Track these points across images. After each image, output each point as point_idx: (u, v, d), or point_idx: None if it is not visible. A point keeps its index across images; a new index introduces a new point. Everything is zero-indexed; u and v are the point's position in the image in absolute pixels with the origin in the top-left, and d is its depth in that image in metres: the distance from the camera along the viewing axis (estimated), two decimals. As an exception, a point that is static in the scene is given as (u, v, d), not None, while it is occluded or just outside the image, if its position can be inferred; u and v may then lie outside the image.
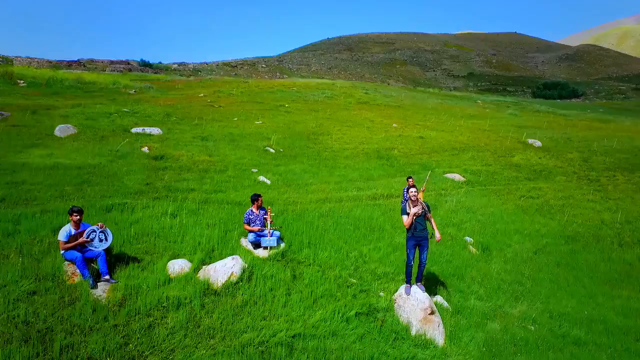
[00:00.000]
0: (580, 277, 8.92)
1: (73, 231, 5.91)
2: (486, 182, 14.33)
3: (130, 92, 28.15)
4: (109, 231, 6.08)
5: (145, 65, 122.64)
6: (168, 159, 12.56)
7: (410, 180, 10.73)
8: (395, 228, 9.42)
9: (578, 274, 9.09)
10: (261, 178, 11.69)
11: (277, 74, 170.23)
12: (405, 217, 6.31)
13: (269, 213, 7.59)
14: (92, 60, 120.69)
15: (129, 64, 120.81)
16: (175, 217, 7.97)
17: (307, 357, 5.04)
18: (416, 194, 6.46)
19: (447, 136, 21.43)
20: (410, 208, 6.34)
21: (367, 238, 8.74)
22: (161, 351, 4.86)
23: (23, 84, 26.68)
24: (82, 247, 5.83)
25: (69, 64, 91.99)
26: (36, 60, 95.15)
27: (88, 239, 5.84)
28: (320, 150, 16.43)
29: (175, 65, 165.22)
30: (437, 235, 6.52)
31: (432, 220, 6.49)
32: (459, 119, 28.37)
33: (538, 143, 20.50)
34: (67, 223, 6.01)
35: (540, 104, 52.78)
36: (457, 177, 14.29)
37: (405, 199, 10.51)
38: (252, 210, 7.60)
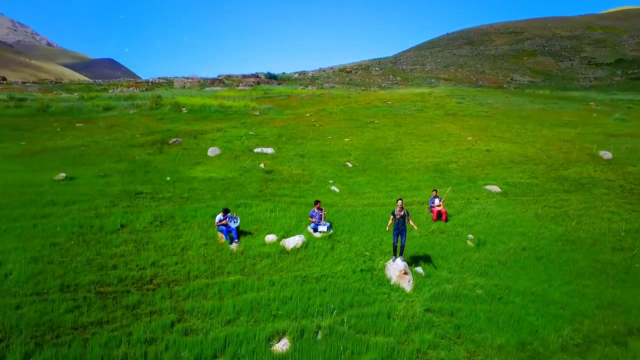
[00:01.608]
0: (550, 268, 11.98)
1: (221, 217, 11.96)
2: (520, 193, 17.08)
3: (256, 113, 36.12)
4: (238, 218, 12.00)
5: (271, 77, 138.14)
6: (275, 173, 18.67)
7: (434, 192, 14.81)
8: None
9: (551, 266, 12.12)
10: (333, 188, 16.94)
11: (390, 76, 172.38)
12: (391, 217, 10.82)
13: (323, 211, 12.78)
14: (229, 76, 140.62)
15: (258, 77, 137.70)
16: (272, 212, 13.72)
17: (325, 284, 10.06)
18: (401, 204, 10.88)
19: (516, 148, 23.61)
20: (397, 212, 10.81)
21: (390, 231, 13.22)
22: (258, 274, 10.42)
23: (185, 111, 36.64)
24: (226, 225, 11.84)
25: (212, 82, 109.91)
26: (189, 79, 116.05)
27: (227, 221, 11.83)
28: (388, 165, 20.94)
29: (296, 75, 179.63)
30: (415, 228, 10.91)
31: (411, 221, 10.87)
32: (545, 128, 29.32)
33: (608, 155, 21.40)
34: (219, 213, 12.10)
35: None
36: (495, 188, 17.36)
37: (430, 205, 14.67)
38: (314, 210, 12.88)
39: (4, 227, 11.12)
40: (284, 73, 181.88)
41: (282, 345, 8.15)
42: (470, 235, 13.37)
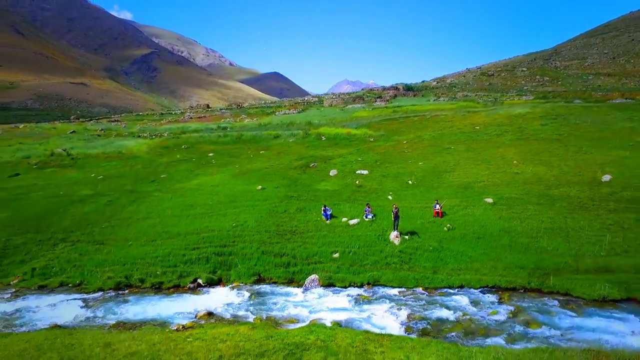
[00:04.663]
0: (480, 243, 23.33)
1: (324, 208, 27.25)
2: (504, 203, 27.38)
3: (370, 140, 50.73)
4: (331, 209, 27.17)
5: (408, 89, 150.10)
6: (362, 187, 33.08)
7: (436, 200, 27.21)
8: (417, 218, 26.49)
9: (482, 242, 23.43)
10: (388, 197, 30.45)
11: (537, 77, 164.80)
12: (392, 212, 24.31)
13: (371, 208, 26.86)
14: (370, 90, 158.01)
15: (396, 88, 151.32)
16: (350, 208, 28.39)
17: (360, 237, 24.25)
18: (395, 206, 24.25)
19: (541, 171, 32.49)
20: (394, 210, 24.21)
21: (405, 220, 26.32)
22: (335, 232, 25.28)
23: (324, 139, 53.71)
24: (325, 212, 27.07)
25: (354, 99, 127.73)
26: (335, 97, 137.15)
27: (326, 210, 27.05)
28: (435, 183, 32.97)
29: (434, 83, 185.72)
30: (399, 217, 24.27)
31: (399, 216, 24.17)
32: (597, 151, 35.82)
33: (607, 178, 28.87)
34: (322, 206, 27.42)
35: None
36: (489, 199, 28.03)
37: (434, 208, 27.21)
38: (366, 207, 27.05)
39: (244, 209, 28.72)
40: (423, 81, 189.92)
41: (336, 255, 22.94)
42: (448, 225, 25.43)
